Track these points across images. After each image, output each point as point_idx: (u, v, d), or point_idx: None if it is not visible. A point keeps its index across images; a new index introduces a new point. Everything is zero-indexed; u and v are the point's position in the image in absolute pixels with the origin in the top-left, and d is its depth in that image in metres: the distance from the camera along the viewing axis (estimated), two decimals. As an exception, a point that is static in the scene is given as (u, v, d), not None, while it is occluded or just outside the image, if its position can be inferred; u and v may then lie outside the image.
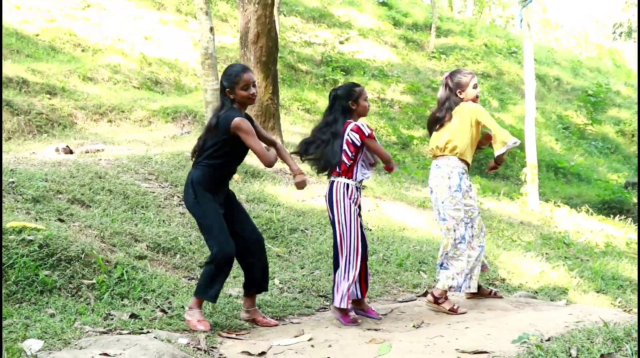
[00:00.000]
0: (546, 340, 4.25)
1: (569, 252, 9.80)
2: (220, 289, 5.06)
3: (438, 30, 25.87)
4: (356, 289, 5.49)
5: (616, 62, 38.61)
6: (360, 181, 5.47)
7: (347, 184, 5.40)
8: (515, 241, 9.73)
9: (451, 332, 4.87)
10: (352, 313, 5.36)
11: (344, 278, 5.30)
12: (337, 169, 5.42)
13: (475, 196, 5.84)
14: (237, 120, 4.96)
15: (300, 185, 5.22)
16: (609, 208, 15.62)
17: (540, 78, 23.76)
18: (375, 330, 5.15)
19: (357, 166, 5.44)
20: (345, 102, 5.47)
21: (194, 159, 5.21)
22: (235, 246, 5.07)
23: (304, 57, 20.60)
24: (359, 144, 5.39)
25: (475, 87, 5.90)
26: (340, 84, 6.99)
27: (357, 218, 5.38)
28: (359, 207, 5.50)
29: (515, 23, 43.15)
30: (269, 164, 5.03)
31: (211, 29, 9.03)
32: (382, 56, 22.84)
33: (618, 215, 14.26)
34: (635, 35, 33.98)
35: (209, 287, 4.98)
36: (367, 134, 5.38)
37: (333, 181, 5.45)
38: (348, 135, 5.38)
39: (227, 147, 5.04)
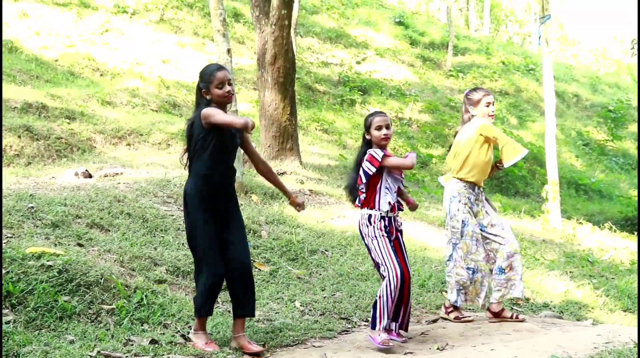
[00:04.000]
0: (575, 363, 4.16)
1: (594, 270, 9.65)
2: (212, 303, 4.97)
3: (455, 49, 25.84)
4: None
5: (635, 77, 38.39)
6: (389, 211, 5.31)
7: (370, 215, 5.33)
8: (538, 259, 9.59)
9: (476, 354, 4.77)
10: (382, 336, 5.15)
11: (379, 300, 5.19)
12: (357, 202, 5.42)
13: (466, 219, 5.94)
14: (203, 110, 4.87)
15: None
16: (631, 224, 15.39)
17: (559, 95, 23.62)
18: (399, 353, 5.06)
19: (378, 196, 5.32)
20: (364, 133, 5.48)
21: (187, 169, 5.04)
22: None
23: (321, 77, 20.62)
24: (372, 173, 5.24)
25: (488, 105, 5.90)
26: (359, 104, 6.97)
27: (386, 243, 5.23)
28: (399, 235, 5.43)
29: (532, 40, 43.10)
30: (240, 125, 4.68)
31: (228, 51, 9.03)
32: (399, 75, 22.82)
33: (642, 232, 14.05)
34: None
35: (203, 305, 4.88)
36: (379, 159, 5.24)
37: (361, 213, 5.43)
38: (363, 165, 5.31)
39: (209, 143, 4.86)
